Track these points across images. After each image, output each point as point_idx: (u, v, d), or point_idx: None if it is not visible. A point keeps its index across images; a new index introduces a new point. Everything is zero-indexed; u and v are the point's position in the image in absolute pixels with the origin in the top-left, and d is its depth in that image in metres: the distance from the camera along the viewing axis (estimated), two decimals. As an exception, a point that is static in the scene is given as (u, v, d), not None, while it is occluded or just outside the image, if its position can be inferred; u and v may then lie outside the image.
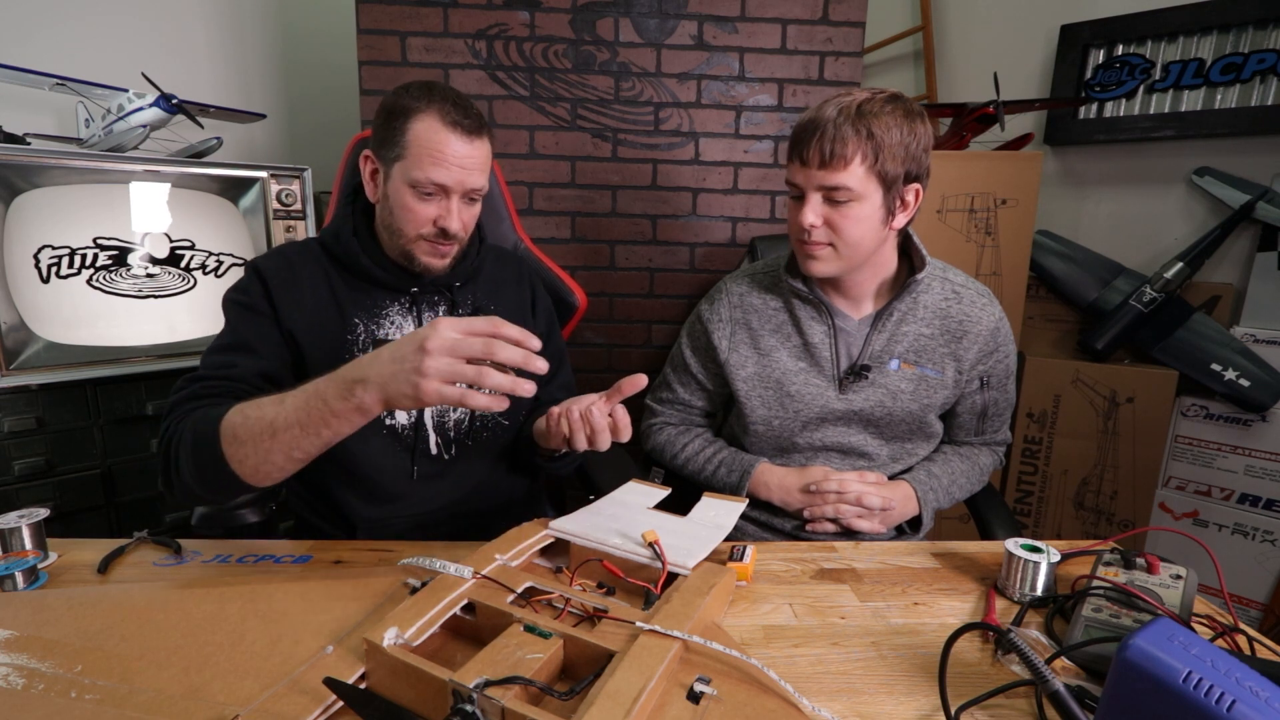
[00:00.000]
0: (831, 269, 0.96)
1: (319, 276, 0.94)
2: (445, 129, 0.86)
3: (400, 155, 0.88)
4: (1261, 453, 1.86)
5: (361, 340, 0.93)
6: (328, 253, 0.97)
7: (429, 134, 0.86)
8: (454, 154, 0.86)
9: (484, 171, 0.91)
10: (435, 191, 0.88)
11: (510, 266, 1.11)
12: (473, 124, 0.88)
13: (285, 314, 0.90)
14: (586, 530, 0.76)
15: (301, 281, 0.93)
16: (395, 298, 0.96)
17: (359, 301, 0.95)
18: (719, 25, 1.72)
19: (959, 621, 0.69)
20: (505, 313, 1.05)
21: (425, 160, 0.86)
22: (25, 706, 0.50)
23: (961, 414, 1.09)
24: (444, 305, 0.99)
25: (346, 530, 0.97)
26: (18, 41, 1.61)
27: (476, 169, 0.89)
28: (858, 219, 0.91)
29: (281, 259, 0.95)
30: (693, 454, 1.12)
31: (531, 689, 0.49)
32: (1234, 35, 1.90)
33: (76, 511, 1.48)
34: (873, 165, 0.88)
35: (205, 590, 0.67)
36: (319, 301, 0.93)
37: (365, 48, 1.65)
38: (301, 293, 0.92)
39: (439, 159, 0.86)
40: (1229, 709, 0.38)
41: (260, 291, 0.91)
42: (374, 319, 0.95)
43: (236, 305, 0.91)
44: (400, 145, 0.87)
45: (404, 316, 0.97)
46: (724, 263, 1.84)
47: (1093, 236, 2.17)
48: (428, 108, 0.86)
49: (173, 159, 1.59)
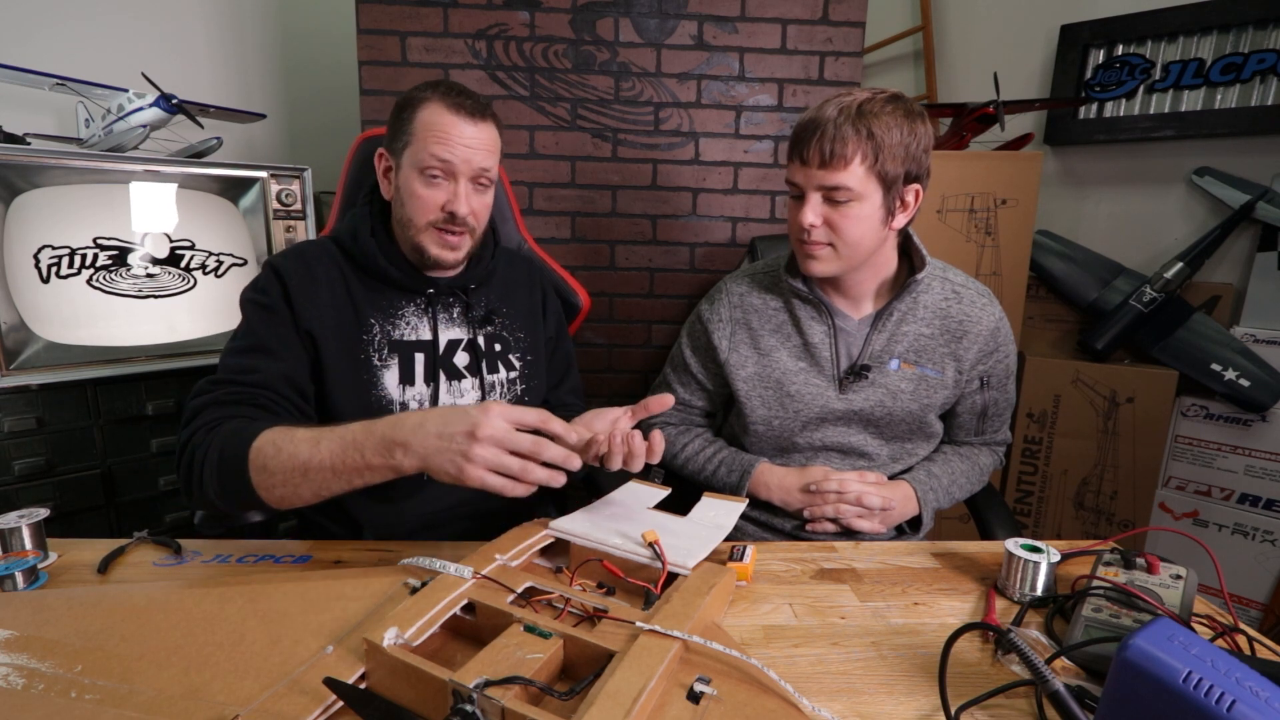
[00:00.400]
0: (831, 269, 0.96)
1: (335, 276, 0.95)
2: (449, 111, 0.89)
3: (408, 142, 0.90)
4: (1261, 453, 1.86)
5: (377, 341, 0.93)
6: (344, 252, 0.97)
7: (434, 117, 0.89)
8: (459, 134, 0.88)
9: (491, 154, 0.92)
10: (442, 174, 0.89)
11: (520, 269, 1.12)
12: (476, 106, 0.90)
13: (303, 314, 0.90)
14: (586, 530, 0.76)
15: (319, 280, 0.93)
16: (411, 299, 0.97)
17: (375, 302, 0.95)
18: (719, 25, 1.72)
19: (959, 621, 0.69)
20: (516, 316, 1.06)
21: (430, 139, 0.88)
22: (25, 706, 0.50)
23: (961, 414, 1.09)
24: (459, 307, 1.00)
25: (352, 529, 0.97)
26: (18, 41, 1.61)
27: (482, 149, 0.90)
28: (857, 219, 0.91)
29: (299, 258, 0.95)
30: (693, 454, 1.12)
31: (531, 689, 0.49)
32: (1234, 35, 1.90)
33: (76, 511, 1.48)
34: (873, 165, 0.88)
35: (205, 590, 0.67)
36: (335, 300, 0.93)
37: (365, 48, 1.65)
38: (319, 291, 0.92)
39: (444, 138, 0.88)
40: (1229, 709, 0.38)
41: (279, 291, 0.91)
42: (389, 319, 0.95)
43: (255, 305, 0.91)
44: (408, 133, 0.90)
45: (419, 318, 0.97)
46: (724, 263, 1.84)
47: (1093, 236, 2.17)
48: (432, 95, 0.90)
49: (173, 159, 1.59)
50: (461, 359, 0.99)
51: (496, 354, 1.02)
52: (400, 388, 0.94)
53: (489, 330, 1.02)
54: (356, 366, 0.92)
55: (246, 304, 0.92)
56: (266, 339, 0.88)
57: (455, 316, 1.00)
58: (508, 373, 1.03)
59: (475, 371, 0.99)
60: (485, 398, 0.99)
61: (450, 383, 0.97)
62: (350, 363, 0.92)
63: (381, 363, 0.93)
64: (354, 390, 0.92)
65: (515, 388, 1.04)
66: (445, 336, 0.98)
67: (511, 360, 1.04)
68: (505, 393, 1.02)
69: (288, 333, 0.90)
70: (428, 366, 0.96)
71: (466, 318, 1.00)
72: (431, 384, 0.96)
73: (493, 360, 1.01)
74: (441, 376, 0.96)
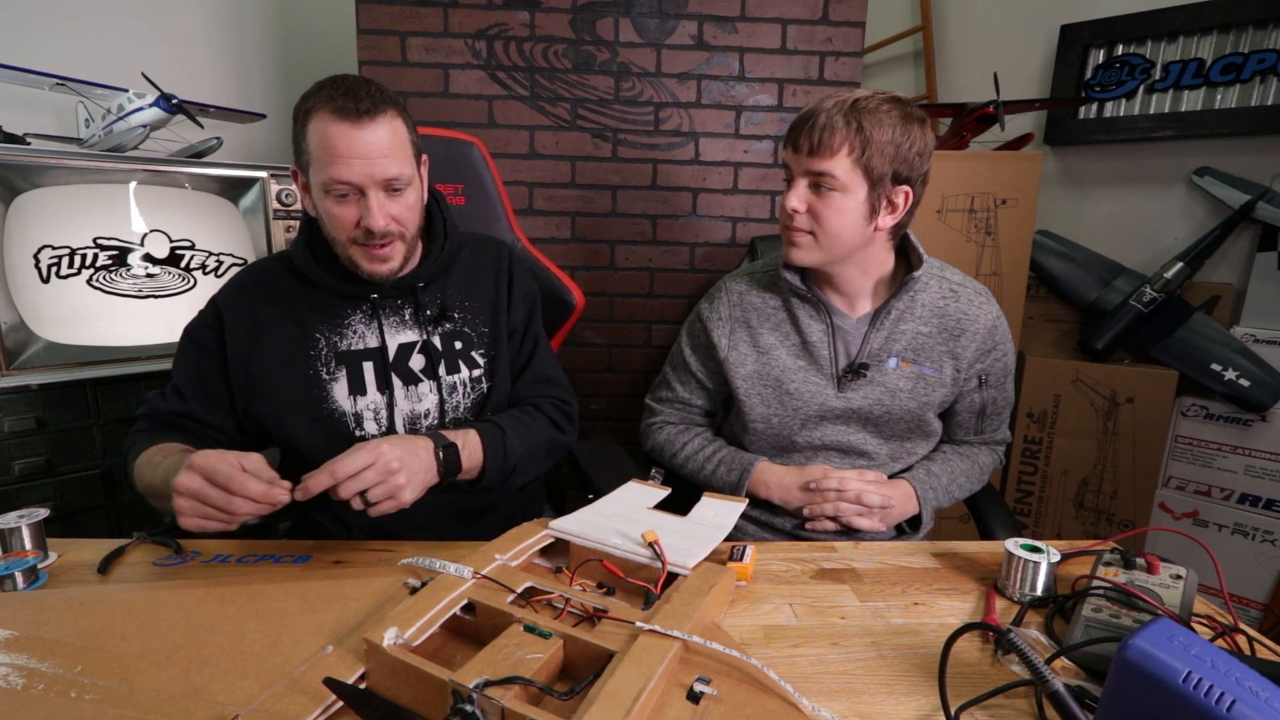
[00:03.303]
0: (811, 258, 0.97)
1: (279, 295, 0.94)
2: (334, 121, 0.80)
3: (309, 161, 0.84)
4: (1261, 453, 1.86)
5: (324, 354, 0.92)
6: (291, 267, 0.95)
7: (321, 131, 0.81)
8: (348, 146, 0.80)
9: (394, 157, 0.83)
10: (348, 191, 0.83)
11: (490, 255, 1.05)
12: (364, 106, 0.80)
13: (236, 352, 0.92)
14: (586, 530, 0.76)
15: (258, 308, 0.93)
16: (356, 305, 0.94)
17: (322, 313, 0.94)
18: (719, 25, 1.72)
19: (959, 621, 0.69)
20: (479, 309, 1.01)
21: (324, 160, 0.81)
22: (25, 706, 0.50)
23: (961, 413, 1.10)
24: (409, 308, 0.96)
25: (344, 527, 0.97)
26: (18, 41, 1.61)
27: (381, 155, 0.82)
28: (839, 209, 0.92)
29: (239, 290, 0.95)
30: (692, 453, 1.12)
31: (531, 689, 0.49)
32: (1234, 35, 1.90)
33: (76, 511, 1.48)
34: (859, 159, 0.90)
35: (205, 590, 0.67)
36: (281, 321, 0.93)
37: (365, 48, 1.65)
38: (258, 319, 0.92)
39: (335, 155, 0.80)
40: (1229, 709, 0.38)
41: (214, 330, 0.93)
42: (336, 330, 0.93)
43: (188, 339, 0.95)
44: (306, 151, 0.84)
45: (366, 325, 0.94)
46: (724, 263, 1.84)
47: (1093, 236, 2.17)
48: (315, 104, 0.82)
49: (173, 159, 1.59)
50: (417, 362, 0.95)
51: (456, 352, 0.98)
52: (351, 399, 0.92)
53: (446, 328, 0.97)
54: (305, 383, 0.91)
55: (183, 336, 0.95)
56: (181, 380, 0.93)
57: (406, 319, 0.96)
58: (470, 371, 0.98)
59: (432, 374, 0.96)
60: (444, 401, 0.96)
61: (407, 388, 0.94)
62: (298, 381, 0.91)
63: (329, 376, 0.92)
64: (303, 407, 0.91)
65: (480, 386, 0.99)
66: (395, 341, 0.95)
67: (474, 358, 0.99)
68: (470, 392, 0.98)
69: (208, 372, 0.93)
70: (378, 374, 0.94)
71: (418, 319, 0.96)
72: (385, 392, 0.93)
73: (452, 360, 0.97)
74: (396, 383, 0.94)
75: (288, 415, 0.91)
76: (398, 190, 0.86)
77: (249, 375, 0.92)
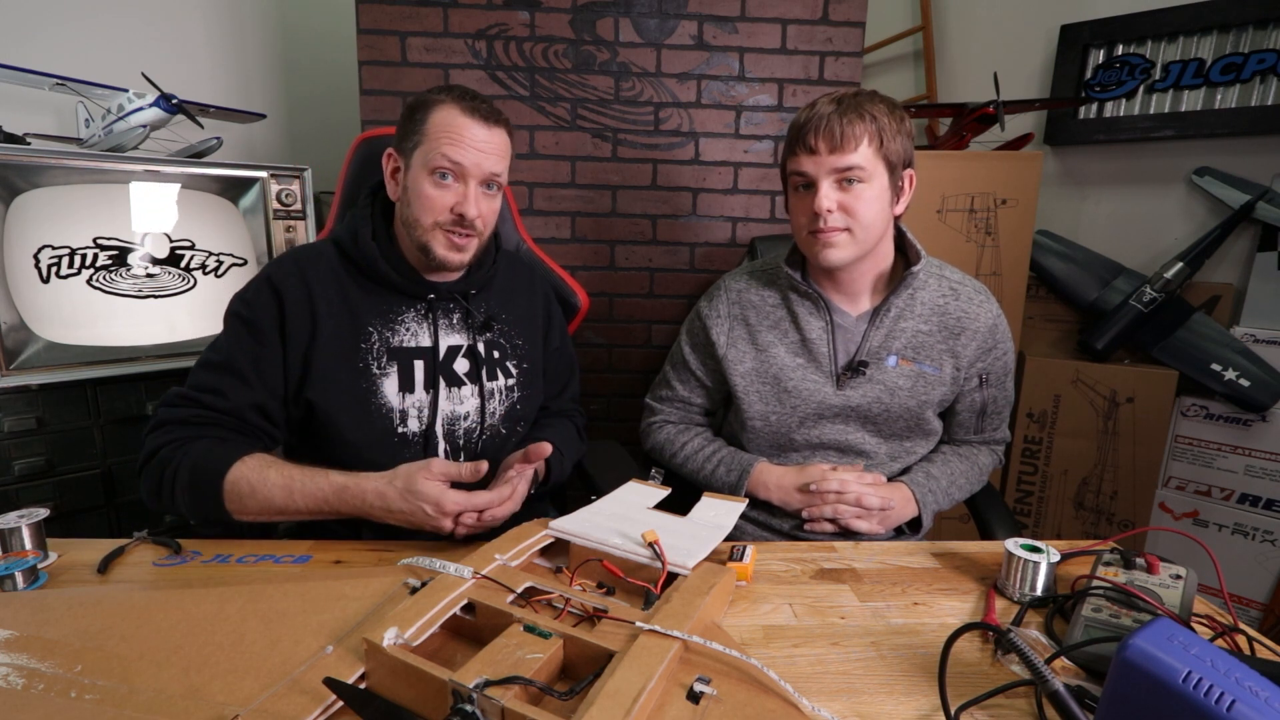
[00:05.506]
0: (848, 254, 0.97)
1: (331, 283, 0.93)
2: (463, 114, 0.89)
3: (420, 142, 0.90)
4: (1261, 453, 1.86)
5: (376, 349, 0.93)
6: (343, 255, 0.96)
7: (447, 118, 0.89)
8: (471, 136, 0.89)
9: (502, 159, 0.93)
10: (453, 176, 0.90)
11: (522, 274, 1.11)
12: (490, 111, 0.91)
13: (296, 336, 0.90)
14: (586, 530, 0.76)
15: (314, 292, 0.92)
16: (411, 304, 0.96)
17: (374, 307, 0.94)
18: (719, 25, 1.72)
19: (959, 621, 0.69)
20: (515, 322, 1.05)
21: (443, 140, 0.88)
22: (25, 706, 0.50)
23: (961, 412, 1.10)
24: (459, 313, 0.99)
25: (351, 527, 0.97)
26: (18, 41, 1.61)
27: (494, 154, 0.91)
28: (870, 200, 0.94)
29: (297, 272, 0.92)
30: (692, 453, 1.12)
31: (531, 689, 0.49)
32: (1234, 35, 1.90)
33: (76, 511, 1.48)
34: (880, 147, 0.93)
35: (205, 590, 0.67)
36: (333, 310, 0.92)
37: (365, 48, 1.65)
38: (315, 304, 0.91)
39: (456, 140, 0.88)
40: (1229, 709, 0.38)
41: (272, 311, 0.90)
42: (388, 326, 0.94)
43: (239, 321, 0.90)
44: (420, 133, 0.90)
45: (419, 324, 0.96)
46: (724, 263, 1.84)
47: (1093, 236, 2.17)
48: (447, 98, 0.90)
49: (173, 159, 1.58)
50: (461, 365, 0.98)
51: (495, 361, 1.02)
52: (400, 395, 0.93)
53: (488, 337, 1.01)
54: (355, 375, 0.91)
55: (232, 317, 0.91)
56: (241, 362, 0.88)
57: (455, 322, 0.99)
58: (505, 380, 1.02)
59: (475, 379, 0.99)
60: (485, 405, 0.99)
61: (450, 390, 0.97)
62: (348, 372, 0.91)
63: (380, 371, 0.92)
64: (353, 399, 0.91)
65: (512, 395, 1.03)
66: (445, 343, 0.97)
67: (509, 368, 1.03)
68: (503, 400, 1.02)
69: (268, 356, 0.89)
70: (427, 373, 0.95)
71: (467, 324, 1.00)
72: (431, 391, 0.95)
73: (492, 367, 1.01)
74: (441, 384, 0.96)
75: (336, 403, 0.91)
76: (491, 192, 0.94)
77: (307, 360, 0.90)
